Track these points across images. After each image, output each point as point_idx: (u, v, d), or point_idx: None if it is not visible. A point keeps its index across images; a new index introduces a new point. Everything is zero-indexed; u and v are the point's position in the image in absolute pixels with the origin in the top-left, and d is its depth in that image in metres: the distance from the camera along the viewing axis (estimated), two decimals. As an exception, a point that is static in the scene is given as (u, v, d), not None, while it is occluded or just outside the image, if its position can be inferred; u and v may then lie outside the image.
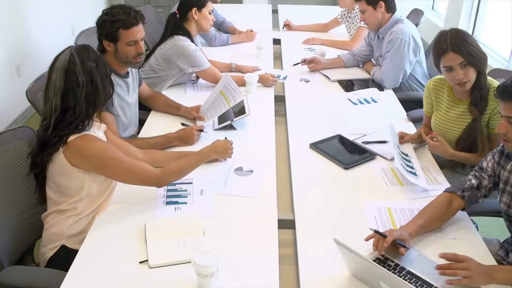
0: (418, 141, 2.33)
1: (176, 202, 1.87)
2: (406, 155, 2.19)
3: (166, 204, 1.86)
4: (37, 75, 2.46)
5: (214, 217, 1.81)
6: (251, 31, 4.02)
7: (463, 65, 2.01)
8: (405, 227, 1.68)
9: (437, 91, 2.28)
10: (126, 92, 2.36)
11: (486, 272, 1.47)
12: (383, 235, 1.59)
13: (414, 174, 2.05)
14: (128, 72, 2.36)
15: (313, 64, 3.25)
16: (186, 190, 1.94)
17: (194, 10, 2.89)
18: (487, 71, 2.13)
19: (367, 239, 1.62)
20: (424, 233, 1.71)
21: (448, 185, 2.02)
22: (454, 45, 2.01)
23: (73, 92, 1.69)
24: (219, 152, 2.02)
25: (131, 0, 6.45)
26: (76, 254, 1.61)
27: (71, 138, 1.69)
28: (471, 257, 1.56)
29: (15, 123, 4.13)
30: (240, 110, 2.54)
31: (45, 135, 1.70)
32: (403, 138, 2.27)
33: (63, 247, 1.77)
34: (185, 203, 1.88)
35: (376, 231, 1.61)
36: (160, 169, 1.82)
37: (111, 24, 2.15)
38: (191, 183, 1.98)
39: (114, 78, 2.24)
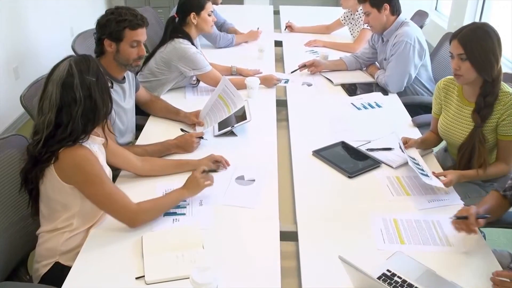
0: (423, 147, 2.26)
1: (175, 213, 1.80)
2: (414, 158, 2.12)
3: (163, 215, 1.79)
4: (35, 78, 2.40)
5: (214, 229, 1.74)
6: (258, 29, 3.98)
7: (461, 58, 1.97)
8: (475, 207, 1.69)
9: (447, 90, 2.22)
10: (122, 98, 2.30)
11: None
12: (464, 217, 1.63)
13: (426, 175, 1.99)
14: (124, 77, 2.30)
15: (313, 68, 3.18)
16: (185, 201, 1.87)
17: (192, 15, 2.84)
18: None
19: (454, 222, 1.66)
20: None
21: (456, 195, 1.97)
22: (463, 36, 1.97)
23: (69, 108, 1.58)
24: (192, 188, 1.83)
25: (131, 0, 6.39)
26: (70, 271, 1.54)
27: (62, 150, 1.60)
28: (482, 271, 1.52)
29: (13, 126, 4.08)
30: (241, 116, 2.48)
31: (35, 151, 1.61)
32: (406, 143, 2.21)
33: (57, 264, 1.70)
34: (184, 214, 1.81)
35: (458, 218, 1.65)
36: (137, 204, 1.69)
37: (117, 23, 2.10)
38: None
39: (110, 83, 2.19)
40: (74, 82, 1.58)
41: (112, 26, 2.11)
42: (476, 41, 1.95)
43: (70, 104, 1.58)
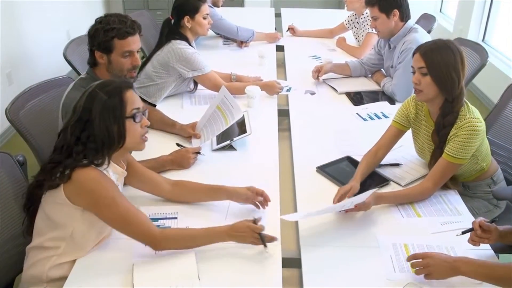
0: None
1: None
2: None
3: (145, 245, 1.59)
4: (30, 84, 2.28)
5: (210, 258, 1.61)
6: (275, 30, 3.96)
7: (422, 72, 1.90)
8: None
9: (417, 109, 2.10)
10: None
11: (451, 265, 1.50)
12: (470, 230, 1.63)
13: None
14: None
15: (316, 74, 3.05)
16: (169, 227, 1.73)
17: (186, 18, 2.74)
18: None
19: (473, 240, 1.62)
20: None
21: (470, 216, 1.84)
22: (425, 49, 1.90)
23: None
24: (237, 237, 1.59)
25: (130, 2, 6.28)
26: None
27: (75, 170, 1.49)
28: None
29: (5, 135, 3.94)
30: (240, 128, 2.35)
31: (52, 171, 1.51)
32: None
33: None
34: None
35: (463, 232, 1.64)
36: (161, 231, 1.57)
37: (104, 33, 1.97)
38: (176, 218, 1.78)
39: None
40: (84, 93, 1.56)
41: (100, 37, 1.98)
42: (437, 55, 1.87)
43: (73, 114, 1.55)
